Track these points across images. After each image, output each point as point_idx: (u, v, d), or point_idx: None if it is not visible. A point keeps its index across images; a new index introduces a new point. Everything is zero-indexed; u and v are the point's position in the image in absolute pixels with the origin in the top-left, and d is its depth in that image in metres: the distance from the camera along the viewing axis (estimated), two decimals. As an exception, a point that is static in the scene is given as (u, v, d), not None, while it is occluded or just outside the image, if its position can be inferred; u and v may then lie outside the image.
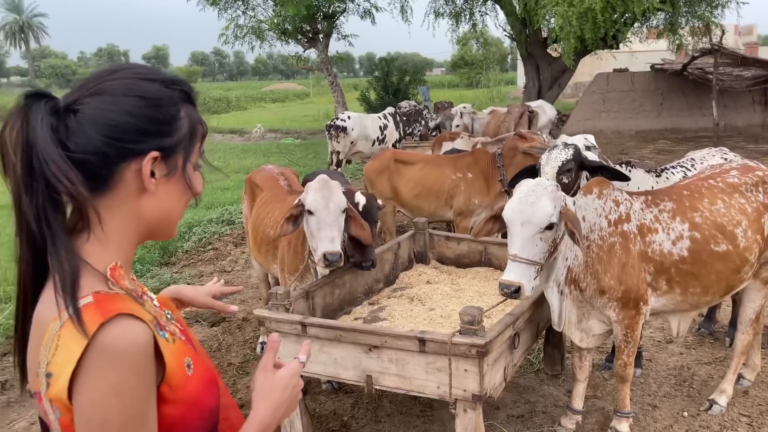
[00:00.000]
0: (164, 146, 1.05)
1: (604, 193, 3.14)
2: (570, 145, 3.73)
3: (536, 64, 17.54)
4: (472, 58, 44.70)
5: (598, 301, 3.11)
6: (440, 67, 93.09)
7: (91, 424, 0.92)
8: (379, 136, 10.93)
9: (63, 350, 0.91)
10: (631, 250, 3.08)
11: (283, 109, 35.56)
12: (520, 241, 2.85)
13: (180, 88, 1.10)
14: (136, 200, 1.05)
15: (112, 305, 0.95)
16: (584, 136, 7.13)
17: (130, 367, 0.93)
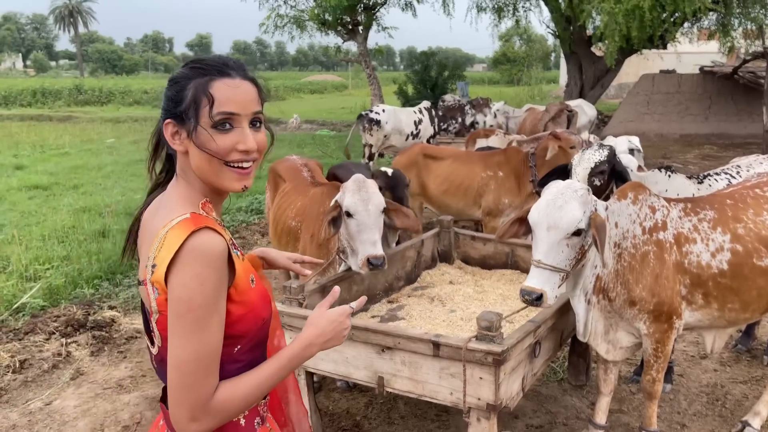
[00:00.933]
0: (176, 113, 1.34)
1: (639, 199, 2.95)
2: (605, 145, 3.54)
3: (579, 62, 17.13)
4: (515, 55, 44.08)
5: (628, 312, 2.94)
6: (482, 63, 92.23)
7: (179, 301, 1.23)
8: (413, 130, 10.79)
9: (166, 248, 1.25)
10: (666, 260, 2.89)
11: (321, 101, 35.66)
12: (545, 247, 2.69)
13: (195, 65, 1.36)
14: (186, 158, 1.36)
15: (203, 221, 1.29)
16: (628, 138, 6.90)
17: (210, 264, 1.25)
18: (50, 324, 4.62)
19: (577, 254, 2.72)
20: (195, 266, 1.23)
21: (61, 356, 4.18)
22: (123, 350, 4.39)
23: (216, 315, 1.26)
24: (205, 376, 1.25)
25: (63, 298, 5.45)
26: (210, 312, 1.24)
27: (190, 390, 1.24)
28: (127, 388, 3.85)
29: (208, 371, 1.25)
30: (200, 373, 1.24)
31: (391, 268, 3.86)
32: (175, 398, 1.25)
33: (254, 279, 1.41)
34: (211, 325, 1.25)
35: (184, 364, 1.23)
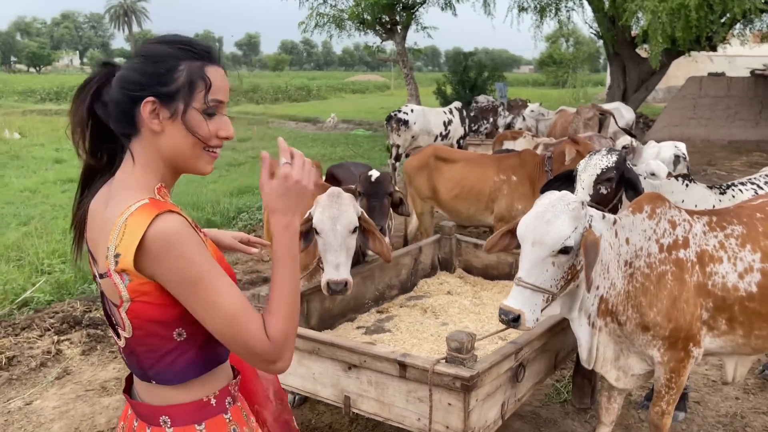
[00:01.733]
0: (160, 93, 1.28)
1: (657, 212, 2.64)
2: (614, 150, 3.26)
3: (623, 64, 16.54)
4: (561, 57, 43.15)
5: (640, 338, 2.63)
6: (529, 65, 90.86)
7: (180, 284, 1.23)
8: (442, 131, 10.55)
9: (129, 235, 1.20)
10: (687, 282, 2.59)
11: (362, 100, 35.64)
12: (528, 264, 2.44)
13: (185, 47, 1.32)
14: (155, 139, 1.31)
15: (163, 206, 1.25)
16: (675, 144, 6.51)
17: (186, 240, 1.23)
18: (47, 320, 4.59)
19: (565, 274, 2.45)
20: (174, 249, 1.22)
21: (50, 354, 4.13)
22: (115, 350, 4.30)
23: (219, 275, 1.26)
24: (253, 324, 1.26)
25: (70, 293, 5.44)
26: (212, 276, 1.25)
27: (249, 342, 1.25)
28: (109, 391, 3.75)
29: (249, 318, 1.26)
30: (246, 324, 1.25)
31: (383, 275, 3.67)
32: (247, 356, 1.28)
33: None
34: (223, 283, 1.26)
35: (228, 328, 1.24)
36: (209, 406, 1.37)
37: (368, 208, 3.42)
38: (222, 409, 1.39)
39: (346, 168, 4.41)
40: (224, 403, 1.40)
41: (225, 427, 1.38)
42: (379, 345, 2.57)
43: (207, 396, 1.37)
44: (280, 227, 1.34)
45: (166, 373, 1.33)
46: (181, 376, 1.34)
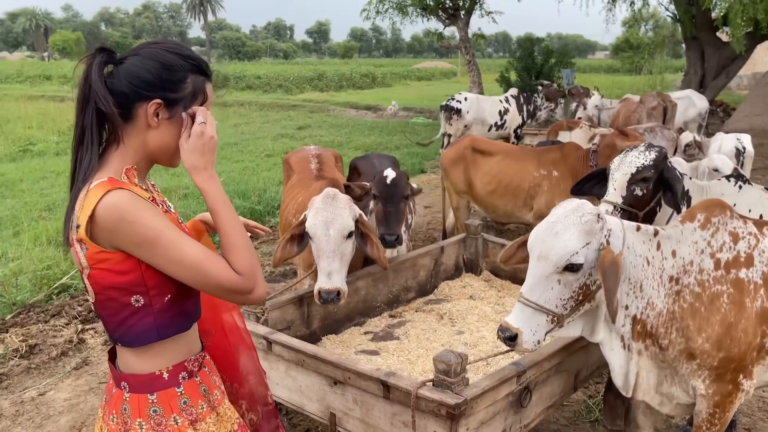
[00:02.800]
0: (167, 97, 1.45)
1: (713, 222, 2.27)
2: (653, 147, 2.89)
3: (701, 49, 15.47)
4: (638, 41, 41.10)
5: (684, 366, 2.29)
6: (604, 51, 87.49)
7: (140, 246, 1.36)
8: (497, 120, 10.14)
9: (85, 208, 1.34)
10: (747, 307, 2.22)
11: (426, 88, 35.18)
12: (531, 279, 2.16)
13: (194, 62, 1.50)
14: (146, 132, 1.46)
15: (119, 184, 1.38)
16: (737, 136, 5.95)
17: (136, 208, 1.35)
18: (76, 308, 4.62)
19: (575, 294, 2.14)
20: (126, 217, 1.33)
21: (72, 343, 4.14)
22: (135, 341, 4.28)
23: (177, 231, 1.40)
24: (218, 264, 1.40)
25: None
26: (170, 232, 1.37)
27: (221, 280, 1.40)
28: (122, 384, 3.71)
29: (215, 260, 1.40)
30: (213, 266, 1.39)
31: (398, 277, 3.44)
32: (223, 294, 1.44)
33: None
34: (180, 237, 1.39)
35: (197, 275, 1.39)
36: (161, 379, 1.49)
37: (383, 213, 3.19)
38: (174, 383, 1.50)
39: (370, 160, 4.18)
40: (177, 378, 1.51)
41: (175, 399, 1.49)
42: (363, 361, 2.34)
43: (160, 370, 1.49)
44: (206, 180, 1.47)
45: (127, 335, 1.45)
46: (140, 340, 1.45)
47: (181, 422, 1.49)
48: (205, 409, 1.54)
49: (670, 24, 39.83)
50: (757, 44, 14.50)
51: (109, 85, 1.43)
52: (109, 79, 1.44)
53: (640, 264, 2.21)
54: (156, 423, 1.47)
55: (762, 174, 10.04)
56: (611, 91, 21.93)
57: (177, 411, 1.49)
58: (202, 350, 1.62)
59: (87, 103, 1.43)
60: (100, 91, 1.41)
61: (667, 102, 7.76)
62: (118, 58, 1.47)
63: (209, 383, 1.59)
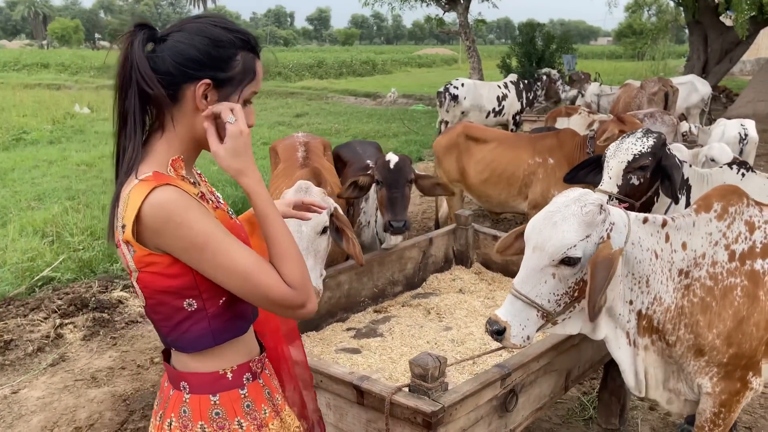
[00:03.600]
0: (217, 77, 1.31)
1: (729, 212, 2.13)
2: (651, 133, 2.73)
3: (704, 33, 15.21)
4: (641, 27, 40.69)
5: (692, 364, 2.15)
6: (607, 36, 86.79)
7: (187, 250, 1.25)
8: (495, 107, 9.95)
9: (130, 207, 1.23)
10: (760, 300, 2.09)
11: (427, 75, 34.91)
12: (525, 271, 2.02)
13: (243, 37, 1.35)
14: (193, 115, 1.33)
15: (165, 179, 1.27)
16: (741, 122, 5.77)
17: (184, 208, 1.24)
18: (56, 301, 4.49)
19: (569, 290, 2.00)
20: (174, 218, 1.22)
21: (49, 339, 4.01)
22: (116, 336, 4.15)
23: (227, 236, 1.28)
24: (270, 276, 1.29)
25: (93, 271, 5.37)
26: (219, 237, 1.26)
27: (272, 294, 1.28)
28: (99, 382, 3.59)
29: (267, 271, 1.29)
30: (264, 277, 1.28)
31: (383, 270, 3.30)
32: (274, 308, 1.34)
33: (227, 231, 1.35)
34: (231, 243, 1.27)
35: (246, 285, 1.27)
36: (224, 379, 1.39)
37: (388, 199, 3.08)
38: (238, 384, 1.40)
39: (352, 148, 4.02)
40: (241, 379, 1.41)
41: (239, 402, 1.40)
42: (335, 365, 2.19)
43: (224, 369, 1.39)
44: (255, 183, 1.34)
45: (181, 341, 1.36)
46: (195, 345, 1.36)
47: (246, 426, 1.40)
48: (268, 414, 1.45)
49: (673, 8, 39.47)
50: (760, 29, 14.26)
51: (152, 65, 1.29)
52: (152, 57, 1.30)
53: (647, 258, 2.08)
54: (219, 426, 1.37)
55: (766, 160, 9.86)
56: (613, 77, 21.66)
57: (241, 414, 1.40)
58: (262, 351, 1.52)
59: (128, 86, 1.29)
60: (144, 70, 1.27)
61: (669, 87, 7.57)
62: (160, 35, 1.33)
63: (272, 387, 1.51)
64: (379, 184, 3.23)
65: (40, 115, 15.77)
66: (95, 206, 7.38)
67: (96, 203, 7.52)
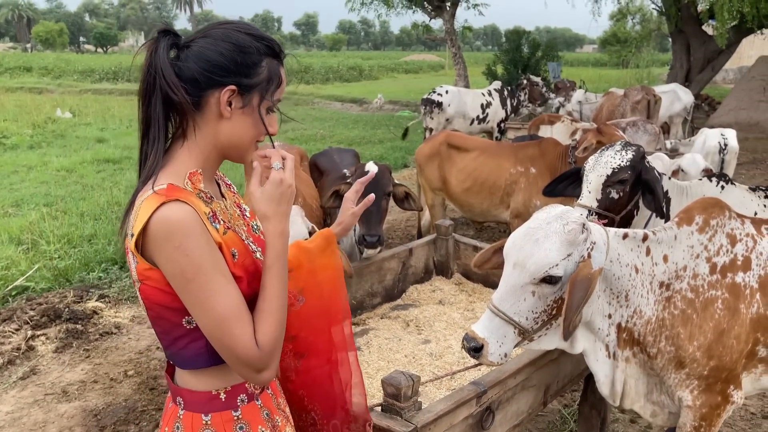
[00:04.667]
0: (242, 83, 1.31)
1: (711, 225, 2.12)
2: (630, 146, 2.70)
3: (687, 42, 15.35)
4: (625, 35, 41.10)
5: (672, 376, 2.13)
6: (592, 44, 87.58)
7: (174, 276, 1.22)
8: (479, 114, 9.94)
9: (140, 217, 1.22)
10: (741, 313, 2.08)
11: (414, 81, 34.94)
12: (504, 288, 1.98)
13: (268, 44, 1.35)
14: (216, 123, 1.32)
15: (175, 193, 1.24)
16: (722, 131, 5.79)
17: (186, 232, 1.21)
18: (29, 312, 4.38)
19: (548, 308, 1.96)
20: (173, 239, 1.20)
21: (20, 351, 3.91)
22: (90, 348, 4.06)
23: (218, 274, 1.24)
24: (242, 330, 1.24)
25: (69, 281, 5.27)
26: (209, 274, 1.22)
27: (236, 349, 1.24)
28: (70, 396, 3.49)
29: (242, 324, 1.25)
30: (236, 330, 1.24)
31: (362, 281, 3.24)
32: (232, 363, 1.27)
33: (236, 253, 1.32)
34: (219, 284, 1.23)
35: (216, 330, 1.23)
36: (217, 400, 1.37)
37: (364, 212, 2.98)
38: (231, 405, 1.37)
39: (329, 156, 3.96)
40: (235, 400, 1.38)
41: (231, 424, 1.37)
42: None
43: (217, 389, 1.36)
44: (275, 234, 1.32)
45: (178, 356, 1.35)
46: (191, 363, 1.34)
47: None
48: None
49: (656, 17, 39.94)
50: (742, 38, 14.42)
51: (176, 71, 1.28)
52: (176, 64, 1.29)
53: (627, 274, 2.06)
54: None
55: (747, 169, 9.94)
56: (598, 84, 21.85)
57: None
58: None
59: (153, 92, 1.28)
60: (169, 77, 1.26)
61: (651, 96, 7.60)
62: (183, 41, 1.33)
63: (272, 407, 1.46)
64: None
65: (21, 119, 15.56)
66: (73, 213, 7.27)
67: (74, 210, 7.41)
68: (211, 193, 1.36)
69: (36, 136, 13.32)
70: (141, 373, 3.75)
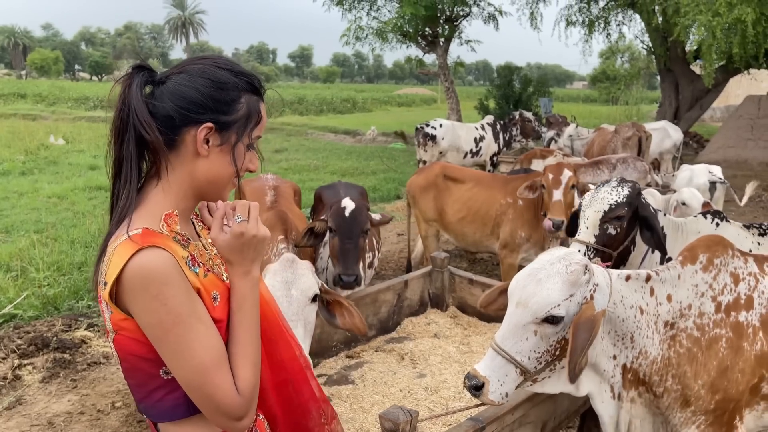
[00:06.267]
0: (220, 121, 1.27)
1: (715, 263, 2.12)
2: (626, 182, 2.73)
3: (676, 81, 15.67)
4: (615, 73, 41.88)
5: (678, 415, 2.11)
6: (582, 81, 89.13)
7: (152, 327, 1.18)
8: (473, 148, 10.04)
9: (113, 265, 1.17)
10: (745, 351, 2.08)
11: (406, 113, 35.31)
12: (507, 327, 1.97)
13: (248, 79, 1.31)
14: (193, 161, 1.27)
15: (152, 239, 1.19)
16: (708, 167, 5.86)
17: (163, 281, 1.16)
18: (16, 341, 4.31)
19: (550, 349, 1.96)
20: (150, 289, 1.15)
21: (6, 380, 3.83)
22: (77, 378, 3.98)
23: (197, 322, 1.20)
24: (222, 379, 1.21)
25: (57, 309, 5.20)
26: (188, 323, 1.19)
27: (217, 397, 1.20)
28: (56, 428, 3.41)
29: (221, 373, 1.21)
30: (215, 380, 1.20)
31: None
32: (211, 413, 1.22)
33: (218, 296, 1.29)
34: (198, 333, 1.19)
35: (194, 381, 1.19)
36: None
37: (340, 250, 2.91)
38: None
39: (336, 190, 3.95)
40: None
41: None
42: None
43: None
44: (239, 275, 1.30)
45: (153, 409, 1.29)
46: (168, 415, 1.28)
47: None
48: None
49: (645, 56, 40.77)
50: (730, 77, 14.73)
51: (151, 108, 1.24)
52: (150, 101, 1.25)
53: (631, 316, 2.06)
54: None
55: (736, 206, 10.05)
56: (588, 120, 22.17)
57: None
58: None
59: (125, 131, 1.24)
60: (142, 115, 1.22)
61: (642, 133, 7.72)
62: (159, 77, 1.29)
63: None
64: (332, 233, 3.06)
65: (14, 145, 15.54)
66: (64, 240, 7.20)
67: (65, 237, 7.35)
68: (187, 234, 1.31)
69: (28, 163, 13.28)
70: (129, 404, 3.67)
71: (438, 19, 17.58)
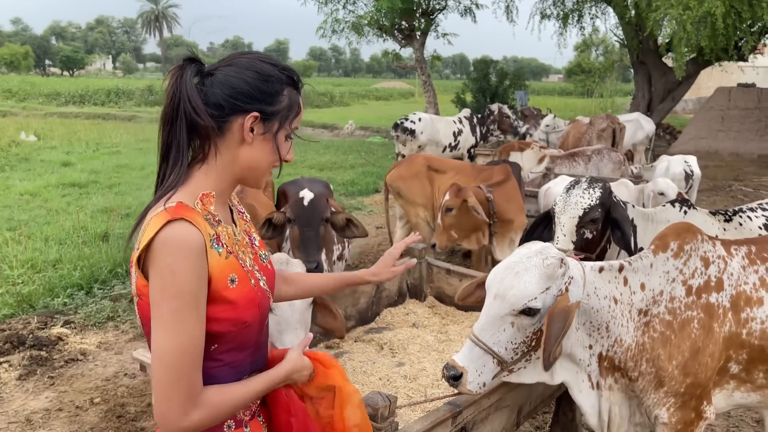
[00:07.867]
0: (265, 111, 1.37)
1: (685, 249, 2.19)
2: (596, 183, 2.78)
3: (648, 73, 15.91)
4: (589, 66, 42.32)
5: (651, 397, 2.18)
6: (558, 74, 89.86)
7: (154, 290, 1.24)
8: (451, 142, 10.11)
9: (146, 234, 1.26)
10: (715, 332, 2.15)
11: (384, 107, 35.32)
12: (485, 318, 2.02)
13: (289, 74, 1.42)
14: (237, 148, 1.37)
15: (183, 212, 1.28)
16: (684, 158, 6.00)
17: (182, 255, 1.24)
18: (-8, 338, 4.26)
19: (527, 340, 2.01)
20: (167, 257, 1.23)
21: (-19, 379, 3.79)
22: (54, 375, 3.95)
23: (194, 308, 1.24)
24: (191, 370, 1.24)
25: (33, 306, 5.14)
26: (186, 304, 1.23)
27: (176, 384, 1.23)
28: (34, 425, 3.39)
29: (193, 365, 1.25)
30: (185, 367, 1.23)
31: (336, 305, 3.23)
32: (162, 393, 1.23)
33: (236, 279, 1.34)
34: (189, 317, 1.24)
35: (167, 357, 1.23)
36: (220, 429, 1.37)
37: (300, 238, 2.93)
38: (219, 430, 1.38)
39: (300, 185, 3.95)
40: (222, 427, 1.38)
41: None
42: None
43: None
44: (284, 374, 1.43)
45: None
46: None
47: None
48: None
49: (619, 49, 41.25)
50: (700, 70, 14.99)
51: (201, 97, 1.34)
52: (201, 90, 1.35)
53: (606, 306, 2.12)
54: None
55: (707, 195, 10.27)
56: (564, 112, 22.38)
57: None
58: None
59: (176, 117, 1.33)
60: (195, 102, 1.31)
61: (616, 124, 7.84)
62: (207, 69, 1.38)
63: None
64: (291, 223, 3.08)
65: (-21, 143, 15.26)
66: (38, 237, 7.11)
67: (38, 234, 7.25)
68: (220, 216, 1.38)
69: (-1, 160, 13.06)
70: (108, 400, 3.66)
71: (414, 13, 17.58)
